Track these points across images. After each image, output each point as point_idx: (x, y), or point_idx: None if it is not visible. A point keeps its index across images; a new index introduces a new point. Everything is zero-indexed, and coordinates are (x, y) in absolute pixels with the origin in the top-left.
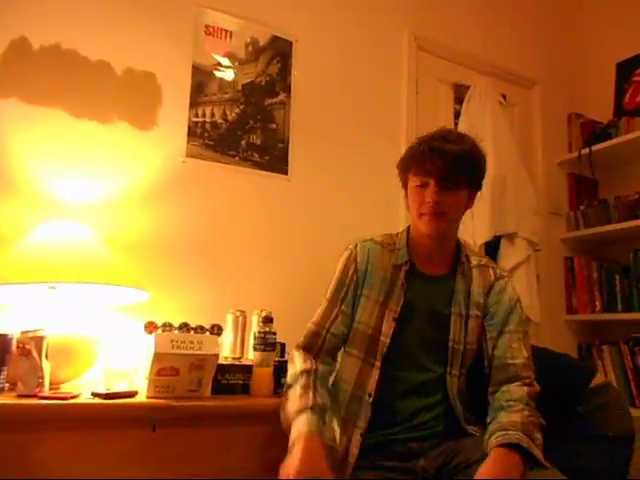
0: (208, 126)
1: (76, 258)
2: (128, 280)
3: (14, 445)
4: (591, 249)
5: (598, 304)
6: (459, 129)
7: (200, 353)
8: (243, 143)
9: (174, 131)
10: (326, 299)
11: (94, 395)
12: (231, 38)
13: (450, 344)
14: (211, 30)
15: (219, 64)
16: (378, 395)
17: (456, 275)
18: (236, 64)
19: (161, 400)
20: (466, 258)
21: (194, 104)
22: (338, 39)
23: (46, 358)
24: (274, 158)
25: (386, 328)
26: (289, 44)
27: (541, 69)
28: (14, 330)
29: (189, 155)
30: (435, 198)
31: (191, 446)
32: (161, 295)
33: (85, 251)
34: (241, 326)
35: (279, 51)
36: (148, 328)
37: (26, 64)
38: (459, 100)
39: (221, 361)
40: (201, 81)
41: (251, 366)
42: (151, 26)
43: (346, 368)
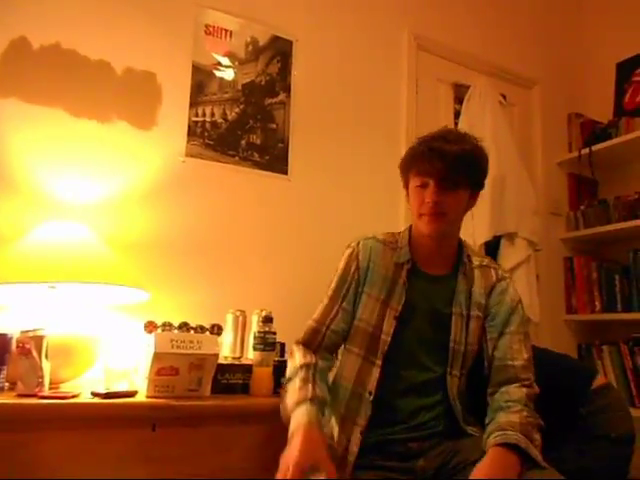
0: (208, 126)
1: (76, 258)
2: (128, 280)
3: (14, 444)
4: (591, 249)
5: (598, 304)
6: (459, 129)
7: (200, 353)
8: (243, 143)
9: (174, 131)
10: (327, 296)
11: (94, 395)
12: (231, 38)
13: (451, 344)
14: (211, 30)
15: (219, 64)
16: (378, 393)
17: (457, 275)
18: (236, 64)
19: (161, 400)
20: (468, 258)
21: (194, 104)
22: (338, 39)
23: (46, 358)
24: (274, 158)
25: (387, 326)
26: (289, 44)
27: (541, 69)
28: (14, 329)
29: (189, 155)
30: (434, 198)
31: (191, 446)
32: (161, 295)
33: (85, 251)
34: (241, 326)
35: (279, 51)
36: (148, 328)
37: (26, 64)
38: (459, 100)
39: (221, 361)
40: (201, 81)
41: (251, 366)
42: (151, 26)
43: (346, 365)
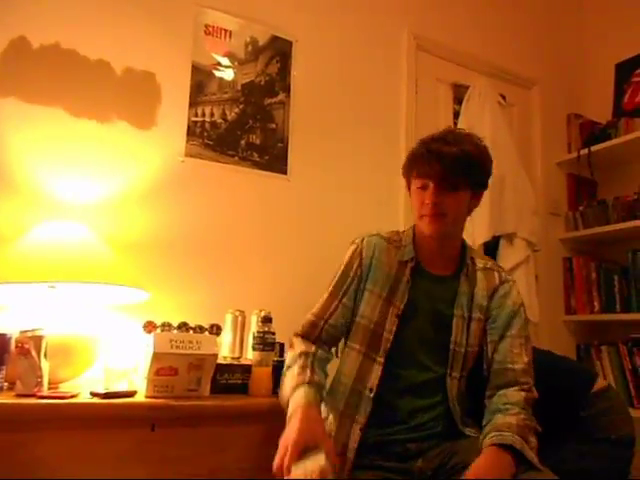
0: (207, 126)
1: (75, 258)
2: (127, 280)
3: (13, 444)
4: (590, 249)
5: (597, 304)
6: (462, 129)
7: (199, 353)
8: (242, 143)
9: (173, 131)
10: (327, 291)
11: (93, 395)
12: (231, 38)
13: (451, 346)
14: (211, 30)
15: (219, 64)
16: (378, 391)
17: (460, 277)
18: (236, 64)
19: (160, 400)
20: (471, 260)
21: (193, 104)
22: (338, 39)
23: (45, 357)
24: (273, 158)
25: (389, 324)
26: (289, 44)
27: (540, 69)
28: (13, 329)
29: (188, 155)
30: (434, 200)
31: (190, 446)
32: (160, 295)
33: (84, 251)
34: (240, 326)
35: (279, 51)
36: (147, 328)
37: (25, 63)
38: (458, 100)
39: (220, 361)
40: (201, 81)
41: (250, 366)
42: (151, 26)
43: (347, 362)
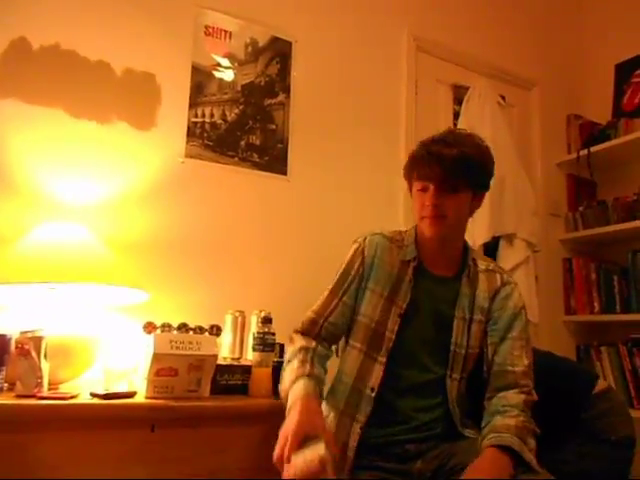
0: (207, 126)
1: (75, 258)
2: (127, 280)
3: (13, 445)
4: (590, 250)
5: (597, 305)
6: (463, 130)
7: (199, 353)
8: (242, 143)
9: (173, 131)
10: (328, 289)
11: (93, 395)
12: (231, 39)
13: (452, 347)
14: (211, 31)
15: (219, 64)
16: (379, 391)
17: (462, 278)
18: (235, 65)
19: (160, 400)
20: (473, 262)
21: (193, 104)
22: (338, 40)
23: (45, 358)
24: (273, 158)
25: (391, 324)
26: (289, 45)
27: (540, 70)
28: (13, 330)
29: (188, 155)
30: (434, 201)
31: (190, 446)
32: (160, 295)
33: (84, 251)
34: (240, 326)
35: (279, 52)
36: (147, 328)
37: (26, 64)
38: (458, 101)
39: (220, 361)
40: (200, 81)
41: (250, 366)
42: (151, 26)
43: (348, 361)
